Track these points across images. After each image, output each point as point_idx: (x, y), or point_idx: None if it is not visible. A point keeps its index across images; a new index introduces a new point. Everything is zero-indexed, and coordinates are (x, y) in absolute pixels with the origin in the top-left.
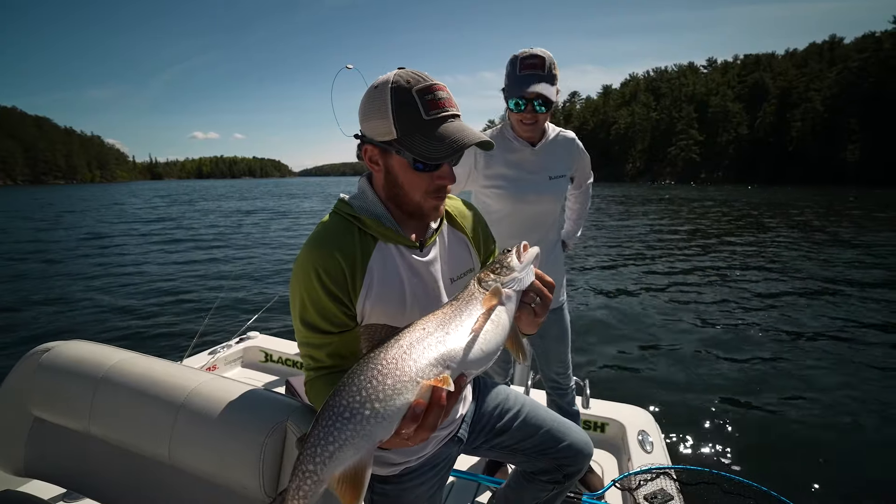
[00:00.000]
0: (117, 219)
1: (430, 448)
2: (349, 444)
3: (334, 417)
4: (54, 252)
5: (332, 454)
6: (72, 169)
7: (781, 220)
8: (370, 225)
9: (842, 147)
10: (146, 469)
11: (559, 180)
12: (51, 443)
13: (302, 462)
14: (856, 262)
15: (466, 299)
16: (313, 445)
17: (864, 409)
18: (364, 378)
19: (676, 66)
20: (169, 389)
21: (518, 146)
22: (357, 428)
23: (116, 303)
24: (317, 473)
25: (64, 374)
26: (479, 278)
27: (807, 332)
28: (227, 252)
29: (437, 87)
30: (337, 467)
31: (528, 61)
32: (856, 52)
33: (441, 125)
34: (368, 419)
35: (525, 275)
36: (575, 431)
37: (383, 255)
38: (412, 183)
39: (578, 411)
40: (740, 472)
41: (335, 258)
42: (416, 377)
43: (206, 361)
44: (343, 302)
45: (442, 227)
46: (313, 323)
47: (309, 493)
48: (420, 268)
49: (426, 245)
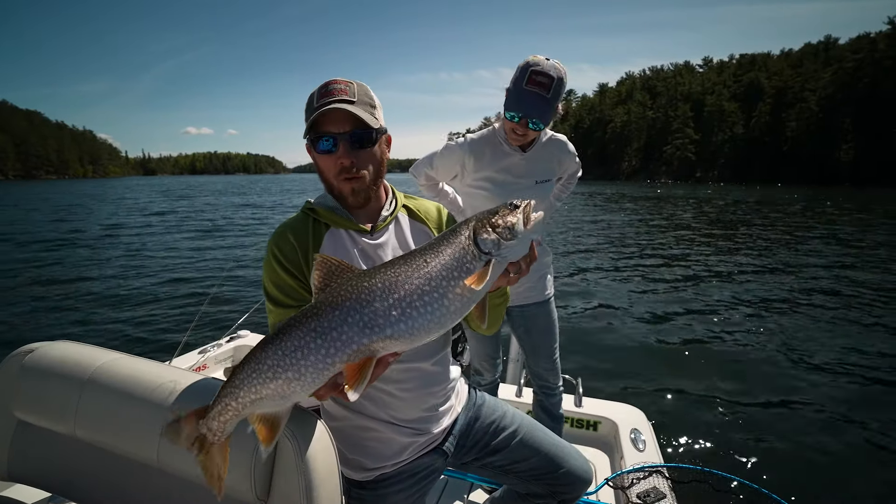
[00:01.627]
0: (109, 214)
1: (406, 455)
2: (267, 400)
3: (259, 373)
4: (40, 249)
5: (253, 401)
6: (63, 164)
7: (775, 219)
8: (322, 213)
9: (836, 147)
10: (133, 473)
11: (545, 184)
12: (35, 446)
13: (225, 395)
14: (848, 260)
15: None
16: (237, 388)
17: (855, 408)
18: (292, 342)
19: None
20: (157, 391)
21: (508, 150)
22: (277, 389)
23: (105, 302)
24: (237, 410)
25: (48, 376)
26: (475, 230)
27: (799, 331)
28: (219, 250)
29: (334, 82)
30: (255, 410)
31: (537, 78)
32: (851, 52)
33: (323, 108)
34: (288, 384)
35: (524, 244)
36: (574, 457)
37: (334, 238)
38: (324, 166)
39: (563, 416)
40: (732, 469)
41: (288, 239)
42: (340, 355)
43: (196, 361)
44: (296, 276)
45: (398, 216)
46: (275, 297)
47: (227, 423)
48: (369, 249)
49: (377, 230)
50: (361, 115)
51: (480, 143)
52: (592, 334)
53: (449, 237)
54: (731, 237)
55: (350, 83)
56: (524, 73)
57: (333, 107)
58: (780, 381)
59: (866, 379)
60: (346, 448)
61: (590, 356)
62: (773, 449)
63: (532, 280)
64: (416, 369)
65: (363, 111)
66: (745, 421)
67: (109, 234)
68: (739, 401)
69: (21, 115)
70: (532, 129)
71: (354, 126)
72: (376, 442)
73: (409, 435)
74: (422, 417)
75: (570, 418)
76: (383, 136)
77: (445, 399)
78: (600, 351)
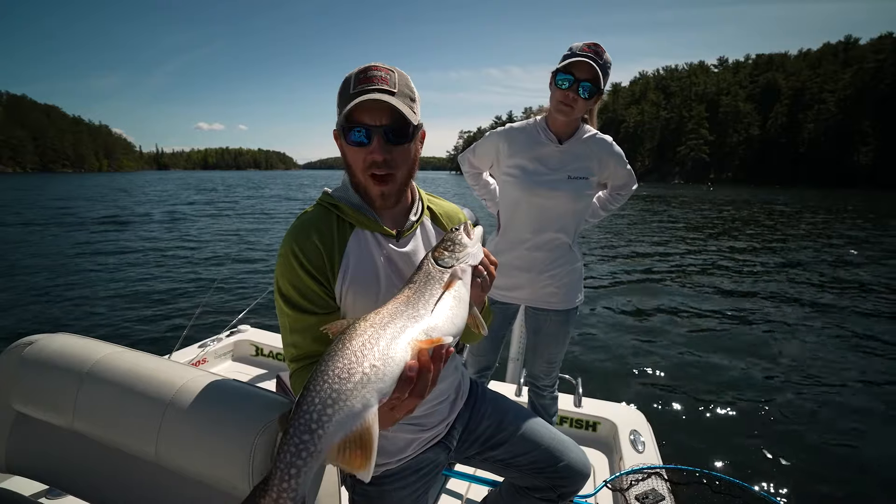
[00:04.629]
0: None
1: (410, 450)
2: (349, 405)
3: (331, 380)
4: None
5: (332, 417)
6: (79, 158)
7: (779, 222)
8: (348, 212)
9: (854, 149)
10: (131, 467)
11: (579, 182)
12: (33, 438)
13: (293, 435)
14: (849, 264)
15: (425, 279)
16: (307, 412)
17: (856, 411)
18: (355, 344)
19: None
20: (157, 385)
21: (544, 140)
22: (357, 387)
23: (107, 294)
24: (314, 443)
25: (47, 369)
26: (435, 256)
27: (798, 334)
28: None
29: (374, 68)
30: (337, 434)
31: (591, 46)
32: (872, 52)
33: (360, 95)
34: (368, 376)
35: (476, 250)
36: (573, 451)
37: (359, 241)
38: (352, 159)
39: (554, 422)
40: (731, 472)
41: (312, 241)
42: (404, 341)
43: (196, 355)
44: (321, 282)
45: (423, 221)
46: (293, 300)
47: (302, 470)
48: (396, 257)
49: (403, 235)
50: (402, 108)
51: (517, 130)
52: (594, 334)
53: (417, 272)
54: (733, 239)
55: (392, 70)
56: (577, 44)
57: (372, 97)
58: (781, 384)
59: (870, 383)
60: None
61: (590, 356)
62: (773, 451)
63: (556, 285)
64: None
65: (403, 104)
66: (746, 423)
67: (115, 226)
68: (741, 403)
69: (40, 110)
70: (582, 95)
71: (392, 120)
72: (381, 439)
73: (413, 431)
74: (425, 413)
75: (570, 419)
76: (420, 132)
77: (449, 394)
78: (601, 351)
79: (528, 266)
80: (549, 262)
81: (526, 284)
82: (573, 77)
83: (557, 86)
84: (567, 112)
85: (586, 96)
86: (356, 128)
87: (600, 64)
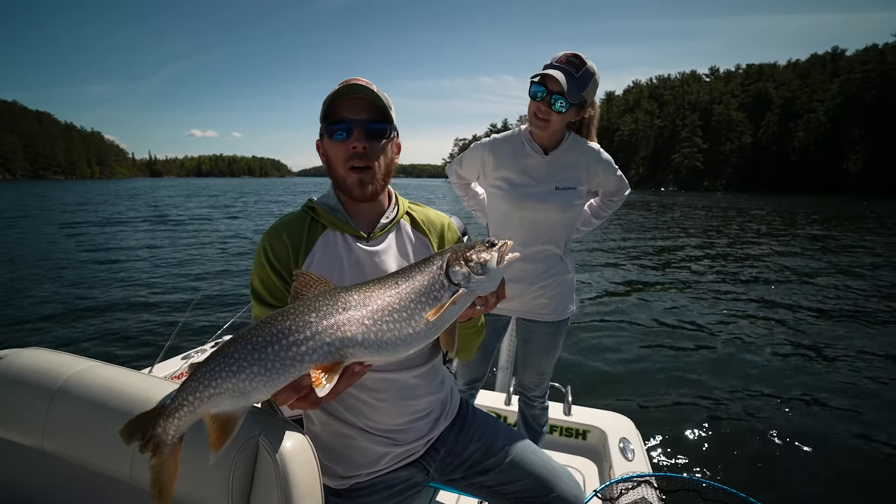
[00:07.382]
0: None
1: (382, 465)
2: (227, 395)
3: (224, 364)
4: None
5: (210, 397)
6: (71, 164)
7: (771, 229)
8: (321, 213)
9: (844, 157)
10: (105, 488)
11: (567, 192)
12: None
13: (184, 390)
14: (842, 271)
15: (420, 281)
16: (197, 381)
17: (846, 418)
18: (263, 337)
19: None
20: (133, 402)
21: (529, 151)
22: (238, 385)
23: (85, 305)
24: (193, 405)
25: (16, 385)
26: (449, 262)
27: (787, 340)
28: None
29: (354, 79)
30: (212, 408)
31: (568, 58)
32: (858, 63)
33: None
34: (252, 379)
35: (495, 281)
36: (565, 481)
37: (327, 241)
38: (334, 156)
39: (543, 431)
40: (721, 479)
41: (282, 239)
42: (310, 354)
43: (179, 367)
44: (284, 277)
45: (400, 223)
46: (259, 293)
47: (183, 418)
48: (363, 256)
49: (375, 236)
50: (379, 99)
51: (502, 141)
52: (582, 342)
53: (423, 264)
54: (723, 245)
55: (370, 83)
56: (558, 55)
57: (354, 84)
58: (770, 391)
59: (860, 390)
60: (322, 454)
61: (579, 364)
62: (763, 459)
63: (547, 297)
64: (392, 380)
65: (381, 103)
66: (736, 430)
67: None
68: (731, 410)
69: (31, 116)
70: (555, 110)
71: (371, 115)
72: (352, 450)
73: (385, 444)
74: (399, 428)
75: (559, 427)
76: (395, 137)
77: (427, 412)
78: (590, 359)
79: (519, 277)
80: (540, 274)
81: (517, 296)
82: (545, 89)
83: (530, 96)
84: (541, 126)
85: (561, 109)
86: (338, 124)
87: (576, 76)
